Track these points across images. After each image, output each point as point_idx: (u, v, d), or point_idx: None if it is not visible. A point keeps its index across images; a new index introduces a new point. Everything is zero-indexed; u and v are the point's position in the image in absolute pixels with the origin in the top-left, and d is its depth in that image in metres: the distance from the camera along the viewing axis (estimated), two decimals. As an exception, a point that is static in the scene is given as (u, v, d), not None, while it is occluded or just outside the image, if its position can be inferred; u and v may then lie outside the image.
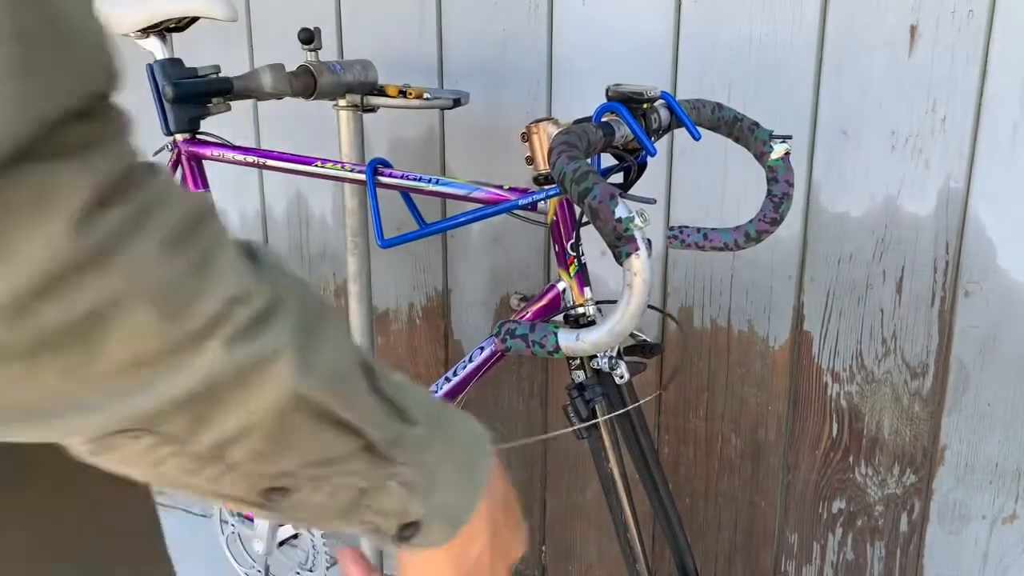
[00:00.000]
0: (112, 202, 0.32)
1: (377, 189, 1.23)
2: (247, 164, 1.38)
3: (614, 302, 0.88)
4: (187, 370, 0.35)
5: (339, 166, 1.29)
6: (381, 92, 1.44)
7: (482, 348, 1.20)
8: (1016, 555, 1.48)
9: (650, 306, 0.96)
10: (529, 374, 1.81)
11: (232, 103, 1.44)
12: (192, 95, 1.30)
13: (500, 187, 1.16)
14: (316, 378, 0.39)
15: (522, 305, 1.17)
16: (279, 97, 1.33)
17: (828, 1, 1.39)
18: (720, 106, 1.19)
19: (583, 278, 1.13)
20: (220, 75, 1.39)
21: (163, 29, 1.43)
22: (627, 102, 1.07)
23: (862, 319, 1.49)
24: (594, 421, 1.15)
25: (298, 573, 1.42)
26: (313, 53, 1.40)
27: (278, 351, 0.38)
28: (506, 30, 1.63)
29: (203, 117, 1.43)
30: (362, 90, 1.44)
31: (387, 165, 1.25)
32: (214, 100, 1.39)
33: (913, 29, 1.34)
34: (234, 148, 1.40)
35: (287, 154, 1.34)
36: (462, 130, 1.73)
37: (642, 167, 1.12)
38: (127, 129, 0.35)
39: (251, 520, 1.46)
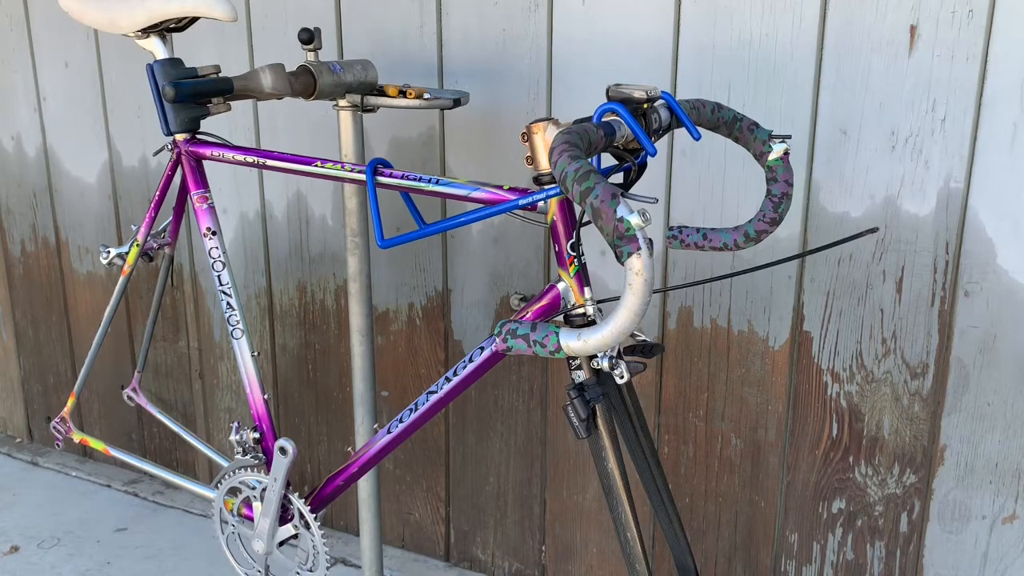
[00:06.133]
0: None
1: (377, 189, 1.23)
2: (247, 164, 1.38)
3: (616, 299, 0.88)
4: None
5: (339, 166, 1.29)
6: (381, 92, 1.44)
7: (482, 348, 1.20)
8: (1016, 555, 1.48)
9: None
10: (529, 374, 1.81)
11: (232, 103, 1.44)
12: (192, 95, 1.30)
13: (500, 187, 1.16)
14: None
15: (522, 305, 1.17)
16: (279, 97, 1.33)
17: (828, 1, 1.39)
18: (720, 106, 1.19)
19: (583, 278, 1.13)
20: (220, 75, 1.39)
21: (163, 29, 1.43)
22: (627, 102, 1.07)
23: (862, 319, 1.49)
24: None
25: (298, 573, 1.42)
26: (313, 53, 1.40)
27: None
28: (506, 30, 1.63)
29: (203, 117, 1.43)
30: (362, 90, 1.44)
31: (387, 165, 1.25)
32: (214, 100, 1.39)
33: (913, 29, 1.34)
34: (234, 148, 1.40)
35: (287, 154, 1.34)
36: (462, 130, 1.73)
37: (642, 167, 1.12)
38: None
39: (251, 520, 1.46)
